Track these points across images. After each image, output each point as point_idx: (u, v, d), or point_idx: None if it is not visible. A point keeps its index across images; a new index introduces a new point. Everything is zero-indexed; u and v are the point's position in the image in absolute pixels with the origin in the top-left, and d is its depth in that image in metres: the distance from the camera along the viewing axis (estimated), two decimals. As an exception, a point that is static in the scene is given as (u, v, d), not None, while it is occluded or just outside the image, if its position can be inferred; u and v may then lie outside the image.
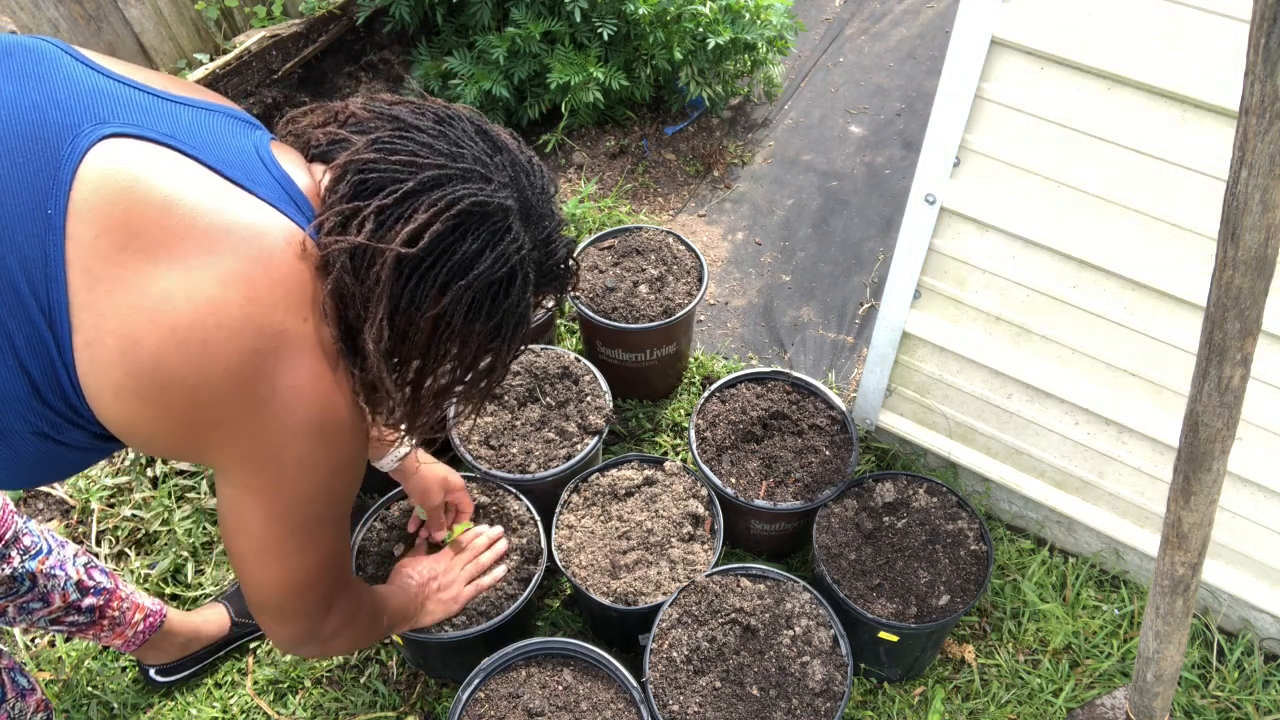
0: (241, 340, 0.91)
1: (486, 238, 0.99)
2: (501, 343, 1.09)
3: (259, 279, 0.92)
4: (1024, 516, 2.12)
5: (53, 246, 0.87)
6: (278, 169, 0.99)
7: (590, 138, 3.14)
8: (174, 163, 0.92)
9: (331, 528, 1.13)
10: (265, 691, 1.91)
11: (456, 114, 1.06)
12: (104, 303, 0.88)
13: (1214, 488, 1.18)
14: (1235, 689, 1.85)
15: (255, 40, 2.93)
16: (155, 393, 0.90)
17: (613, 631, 1.90)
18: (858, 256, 2.81)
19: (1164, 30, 1.29)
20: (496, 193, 1.00)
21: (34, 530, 1.54)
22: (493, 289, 1.02)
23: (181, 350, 0.89)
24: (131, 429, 0.95)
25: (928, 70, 3.45)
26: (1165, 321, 1.58)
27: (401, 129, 1.01)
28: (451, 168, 0.99)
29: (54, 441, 0.97)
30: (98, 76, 0.95)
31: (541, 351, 2.11)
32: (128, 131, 0.91)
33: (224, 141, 0.98)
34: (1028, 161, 1.54)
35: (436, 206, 0.96)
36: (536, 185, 1.07)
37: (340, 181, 0.98)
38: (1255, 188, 0.94)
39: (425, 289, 0.98)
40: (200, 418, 0.93)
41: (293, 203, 0.98)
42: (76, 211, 0.87)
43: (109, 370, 0.89)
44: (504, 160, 1.04)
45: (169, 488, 2.19)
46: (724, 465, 1.96)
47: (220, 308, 0.89)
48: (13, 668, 1.52)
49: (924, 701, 1.88)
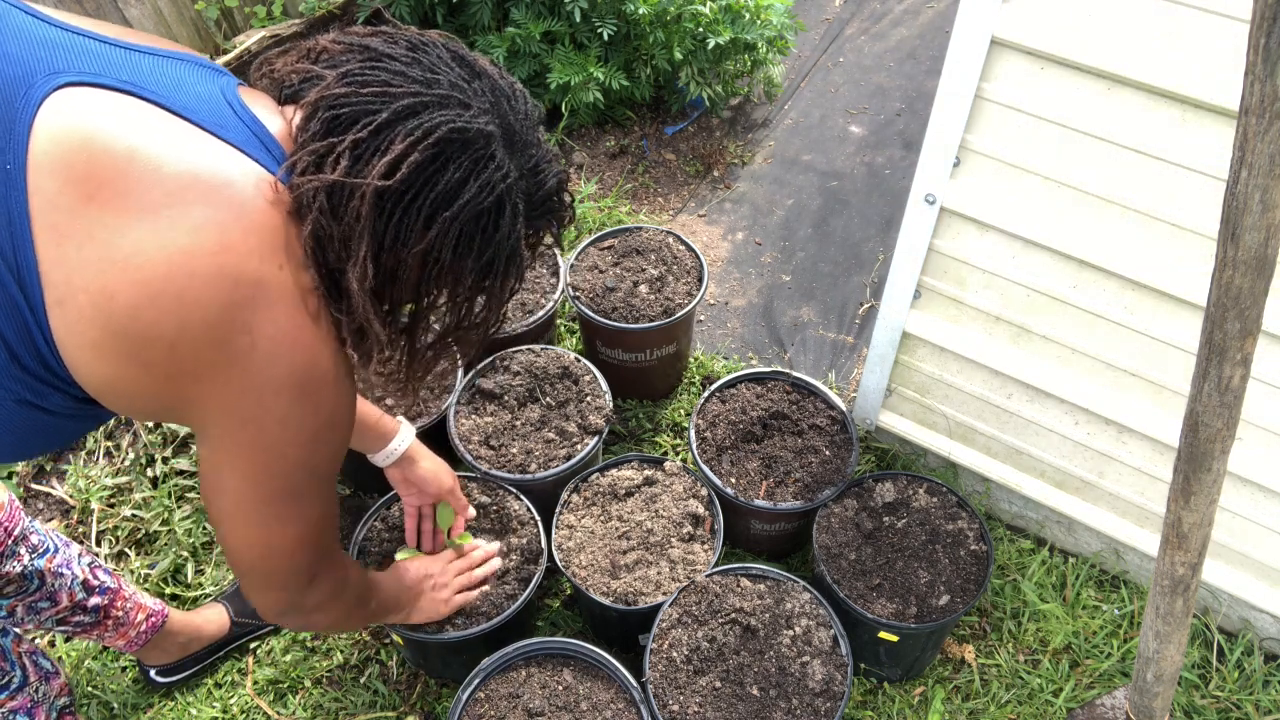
0: (218, 290, 0.87)
1: (469, 166, 0.95)
2: (495, 280, 1.05)
3: (231, 226, 0.88)
4: (1024, 516, 2.12)
5: (15, 203, 0.84)
6: (246, 113, 0.96)
7: (590, 138, 3.14)
8: (135, 109, 0.89)
9: (314, 500, 1.09)
10: (265, 691, 1.91)
11: (431, 40, 1.01)
12: (73, 259, 0.85)
13: (1214, 488, 1.18)
14: (1235, 689, 1.85)
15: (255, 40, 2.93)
16: (132, 348, 0.88)
17: (613, 631, 1.90)
18: (858, 256, 2.81)
19: (1164, 30, 1.29)
20: (476, 118, 0.96)
21: (40, 530, 1.54)
22: (481, 220, 0.98)
23: (157, 303, 0.86)
24: (111, 388, 0.93)
25: (928, 70, 3.45)
26: (1165, 321, 1.58)
27: (373, 59, 0.97)
28: (427, 94, 0.94)
29: (36, 408, 0.95)
30: (49, 27, 0.92)
31: (541, 351, 2.11)
32: (84, 80, 0.88)
33: (188, 87, 0.94)
34: (1028, 161, 1.54)
35: (413, 136, 0.92)
36: (519, 111, 1.02)
37: (311, 119, 0.94)
38: (1255, 188, 0.94)
39: (409, 223, 0.94)
40: (179, 371, 0.90)
41: (264, 147, 0.94)
42: (36, 165, 0.84)
43: (84, 328, 0.87)
44: (483, 86, 0.99)
45: (169, 488, 2.19)
46: (724, 465, 1.96)
47: (194, 257, 0.86)
48: (34, 651, 1.52)
49: (924, 701, 1.88)
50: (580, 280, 2.24)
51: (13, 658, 1.50)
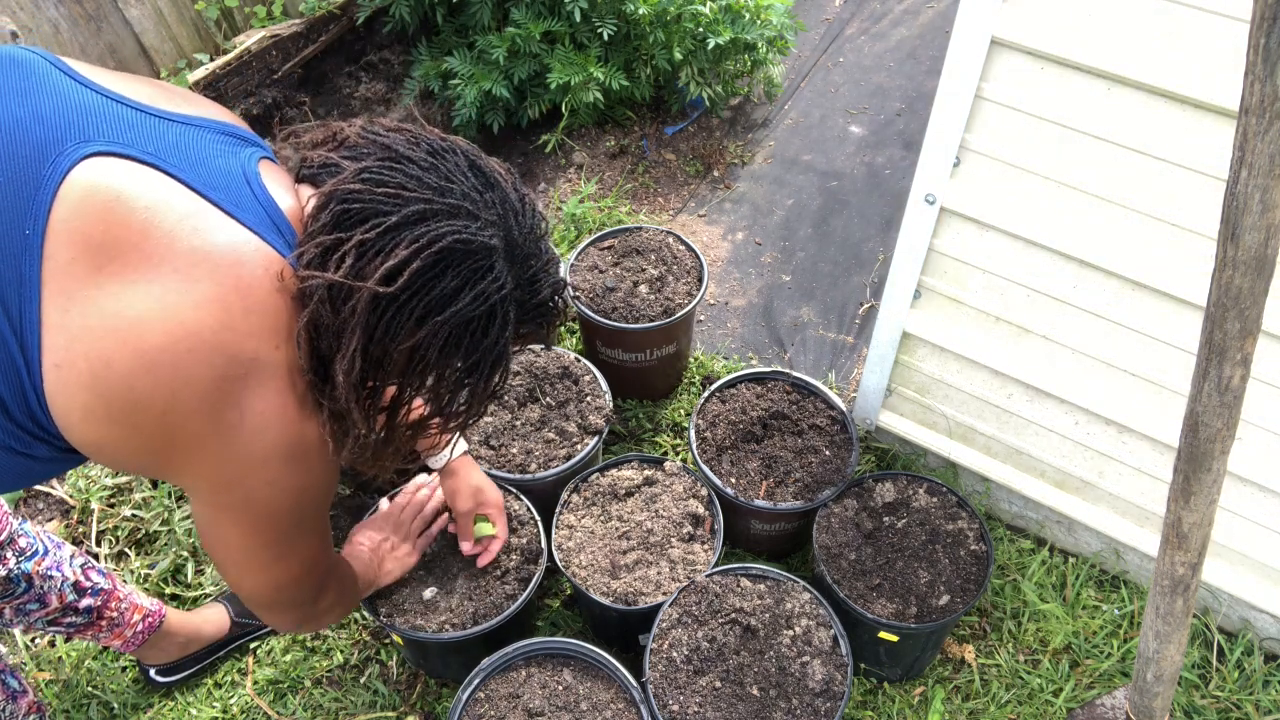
0: (212, 366, 0.90)
1: (466, 275, 0.98)
2: (479, 379, 1.08)
3: (234, 306, 0.91)
4: (1024, 516, 2.12)
5: (29, 267, 0.87)
6: (263, 193, 0.98)
7: (590, 138, 3.14)
8: (156, 183, 0.92)
9: (310, 533, 1.14)
10: (265, 691, 1.91)
11: (452, 147, 1.04)
12: (76, 324, 0.88)
13: (1214, 488, 1.18)
14: (1235, 689, 1.85)
15: (255, 40, 2.93)
16: (124, 415, 0.90)
17: (613, 631, 1.90)
18: (858, 256, 2.81)
19: (1164, 30, 1.29)
20: (481, 231, 0.99)
21: (29, 532, 1.54)
22: (470, 326, 1.01)
23: (153, 374, 0.88)
24: (100, 449, 0.96)
25: (928, 70, 3.45)
26: (1165, 321, 1.58)
27: (392, 159, 1.00)
28: (438, 203, 0.97)
29: (20, 455, 0.97)
30: (85, 91, 0.95)
31: (541, 351, 2.11)
32: (112, 150, 0.91)
33: (210, 162, 0.97)
34: (1027, 161, 1.54)
35: (419, 243, 0.95)
36: (525, 225, 1.05)
37: (323, 210, 0.97)
38: (1255, 188, 0.94)
39: (400, 322, 0.97)
40: (169, 440, 0.93)
41: (275, 228, 0.97)
42: (55, 233, 0.87)
43: (78, 392, 0.89)
44: (494, 198, 1.03)
45: (169, 488, 2.19)
46: (724, 465, 1.96)
47: (193, 333, 0.89)
48: (3, 670, 1.52)
49: (924, 701, 1.88)
50: (580, 280, 2.24)
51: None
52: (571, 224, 2.81)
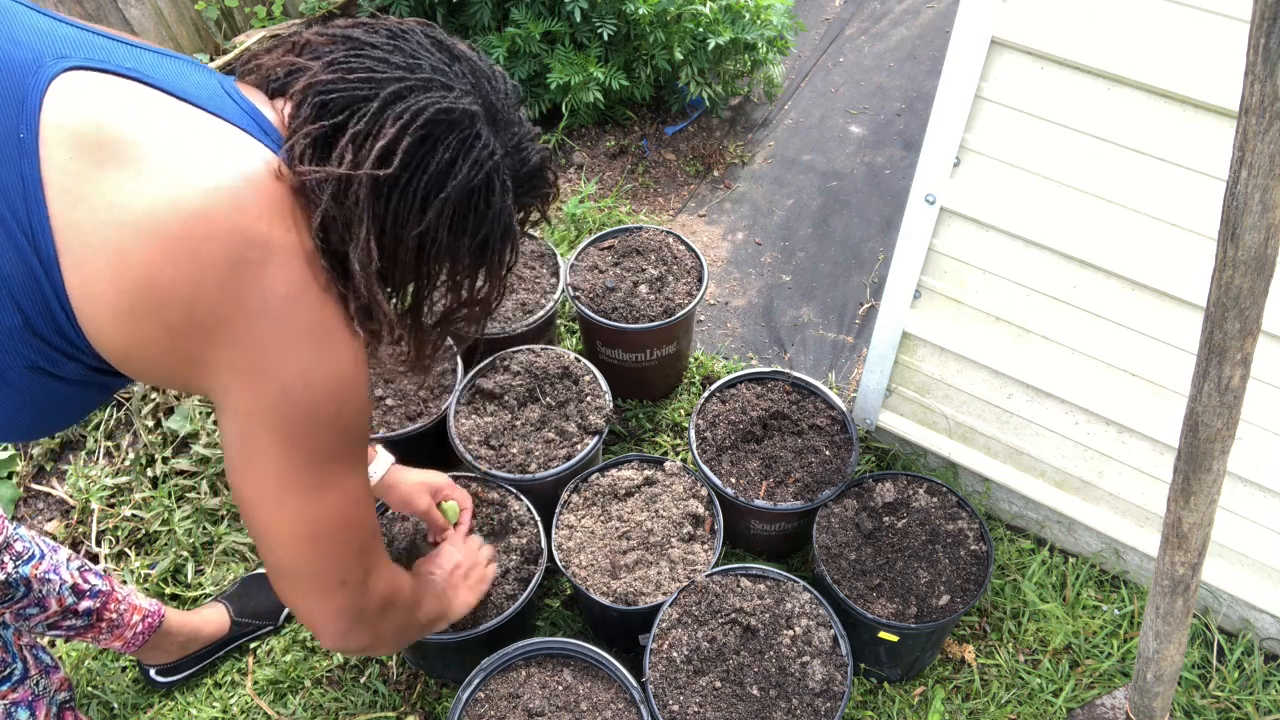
0: (231, 248, 0.90)
1: (457, 146, 0.99)
2: (492, 256, 1.09)
3: (243, 189, 0.91)
4: (1024, 516, 2.12)
5: (28, 169, 0.86)
6: (245, 101, 1.00)
7: (590, 138, 3.14)
8: (140, 90, 0.92)
9: (350, 468, 1.07)
10: (265, 691, 1.91)
11: (410, 27, 1.06)
12: (87, 221, 0.87)
13: (1214, 488, 1.18)
14: (1235, 689, 1.85)
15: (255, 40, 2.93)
16: (149, 308, 0.89)
17: (613, 631, 1.90)
18: (858, 256, 2.81)
19: (1164, 30, 1.29)
20: (460, 99, 1.00)
21: (25, 536, 1.54)
22: (472, 198, 1.02)
23: (173, 262, 0.88)
24: (129, 352, 0.94)
25: (928, 70, 3.45)
26: (1165, 321, 1.58)
27: (356, 47, 1.01)
28: (411, 79, 0.99)
29: (51, 376, 0.96)
30: (55, 22, 0.96)
31: (541, 351, 2.11)
32: (91, 65, 0.92)
33: (188, 76, 0.98)
34: (1027, 161, 1.54)
35: (403, 119, 0.96)
36: (500, 90, 1.06)
37: (301, 105, 0.98)
38: (1255, 188, 0.94)
39: (407, 206, 0.98)
40: (197, 330, 0.92)
41: (262, 131, 0.98)
42: (48, 135, 0.87)
43: (101, 290, 0.88)
44: (463, 68, 1.04)
45: (169, 488, 2.19)
46: (724, 465, 1.96)
47: (207, 219, 0.89)
48: (34, 645, 1.52)
49: (924, 701, 1.88)
50: (580, 280, 2.24)
51: (14, 650, 1.50)
52: (571, 224, 2.81)
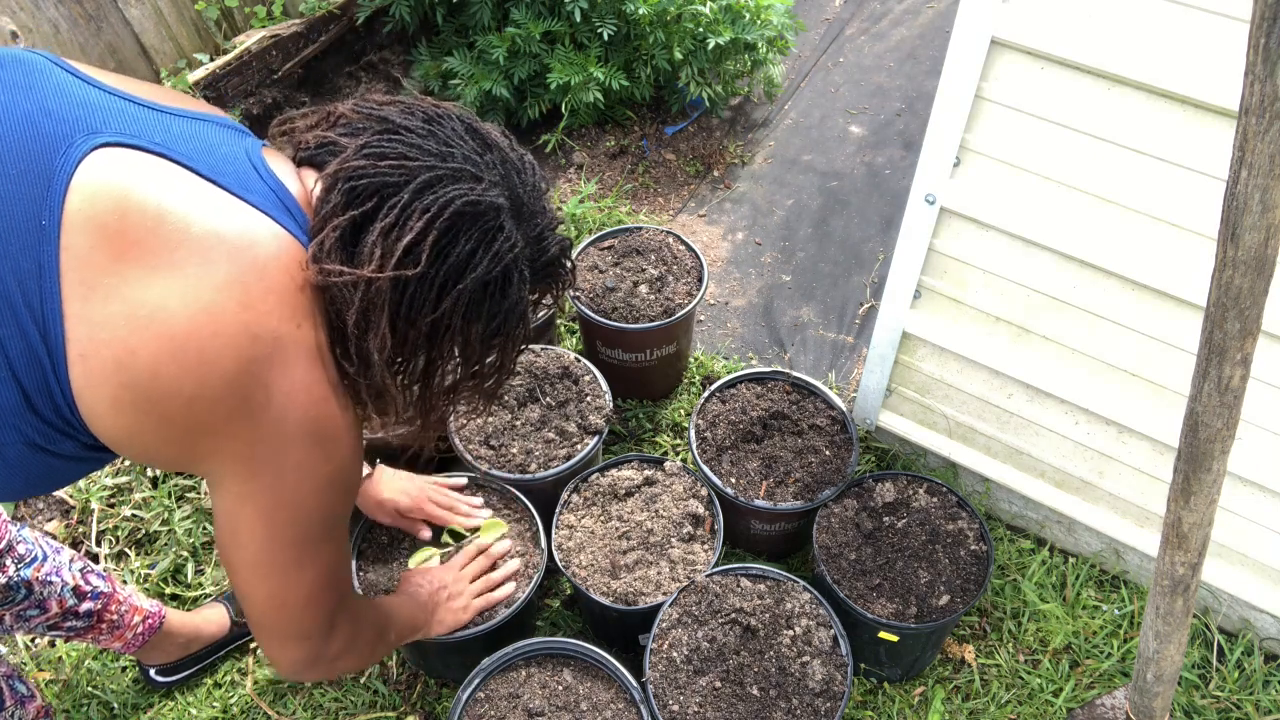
0: (238, 348, 0.91)
1: (479, 238, 1.00)
2: (505, 339, 1.11)
3: (253, 286, 0.92)
4: (1024, 516, 2.12)
5: (47, 258, 0.87)
6: (271, 176, 0.99)
7: (590, 138, 3.14)
8: (166, 171, 0.92)
9: (330, 544, 1.12)
10: (265, 691, 1.91)
11: (446, 113, 1.06)
12: (99, 314, 0.87)
13: (1214, 488, 1.18)
14: (1235, 689, 1.85)
15: (255, 40, 2.93)
16: (152, 404, 0.90)
17: (613, 631, 1.90)
18: (858, 256, 2.81)
19: (1164, 30, 1.29)
20: (487, 191, 1.01)
21: (28, 538, 1.54)
22: (489, 289, 1.03)
23: (178, 360, 0.88)
24: (129, 441, 0.95)
25: (928, 70, 3.45)
26: (1165, 321, 1.58)
27: (390, 130, 1.01)
28: (442, 168, 0.99)
29: (45, 452, 0.97)
30: (88, 88, 0.95)
31: (541, 351, 2.11)
32: (120, 141, 0.91)
33: (216, 149, 0.98)
34: (1028, 161, 1.54)
35: (429, 213, 0.96)
36: (528, 182, 1.07)
37: (332, 190, 0.98)
38: (1255, 188, 0.94)
39: (423, 295, 0.99)
40: (197, 426, 0.93)
41: (286, 210, 0.98)
42: (71, 223, 0.87)
43: (104, 382, 0.89)
44: (494, 159, 1.04)
45: (169, 488, 2.19)
46: (724, 465, 1.96)
47: (216, 316, 0.89)
48: (11, 675, 1.52)
49: (924, 701, 1.88)
50: (580, 280, 2.24)
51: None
52: (571, 224, 2.81)
